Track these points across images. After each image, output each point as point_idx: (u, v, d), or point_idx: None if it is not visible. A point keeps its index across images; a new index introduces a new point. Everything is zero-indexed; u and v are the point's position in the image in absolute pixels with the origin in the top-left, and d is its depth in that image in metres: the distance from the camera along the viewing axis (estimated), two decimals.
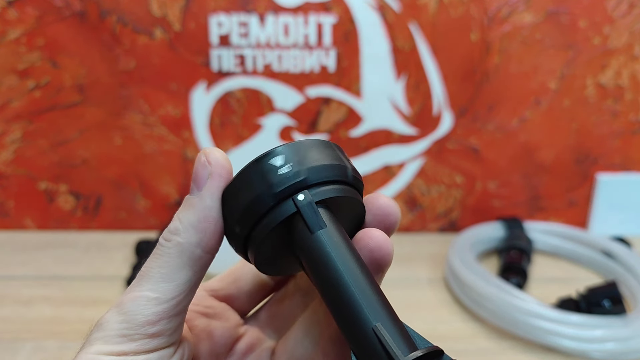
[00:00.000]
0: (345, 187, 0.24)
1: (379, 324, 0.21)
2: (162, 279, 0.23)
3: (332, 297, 0.22)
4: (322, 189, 0.23)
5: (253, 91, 0.68)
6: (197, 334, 0.27)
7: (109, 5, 0.64)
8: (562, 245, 0.70)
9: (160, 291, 0.23)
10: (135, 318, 0.22)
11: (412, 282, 0.64)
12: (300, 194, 0.22)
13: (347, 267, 0.22)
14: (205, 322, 0.27)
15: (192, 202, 0.24)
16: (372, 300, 0.21)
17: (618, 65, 0.68)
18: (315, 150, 0.24)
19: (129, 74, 0.67)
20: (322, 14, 0.65)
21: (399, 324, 0.21)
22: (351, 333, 0.21)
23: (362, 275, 0.22)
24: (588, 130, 0.71)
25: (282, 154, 0.23)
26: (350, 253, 0.23)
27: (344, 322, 0.22)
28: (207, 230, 0.23)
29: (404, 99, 0.69)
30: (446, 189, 0.74)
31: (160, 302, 0.23)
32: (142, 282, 0.23)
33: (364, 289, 0.22)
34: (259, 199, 0.23)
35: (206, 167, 0.24)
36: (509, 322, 0.54)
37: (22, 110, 0.68)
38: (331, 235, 0.22)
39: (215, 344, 0.27)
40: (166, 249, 0.23)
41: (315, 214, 0.22)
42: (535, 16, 0.66)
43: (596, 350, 0.51)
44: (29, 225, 0.74)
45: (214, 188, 0.23)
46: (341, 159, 0.24)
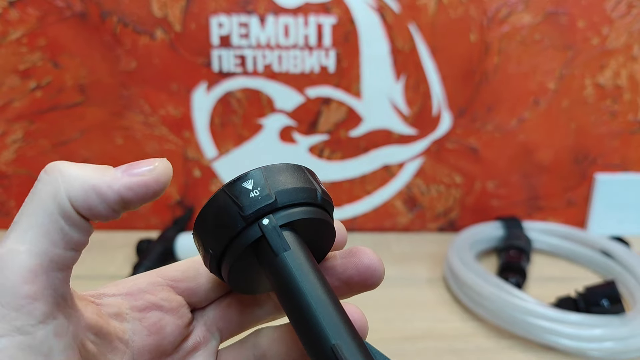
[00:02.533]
0: (314, 209, 0.25)
1: (338, 343, 0.21)
2: (30, 226, 0.20)
3: (295, 316, 0.23)
4: (289, 211, 0.24)
5: (253, 91, 0.68)
6: (147, 326, 0.25)
7: (110, 5, 0.64)
8: (561, 245, 0.70)
9: (30, 241, 0.20)
10: (10, 278, 0.19)
11: (412, 281, 0.64)
12: (265, 218, 0.23)
13: (309, 287, 0.23)
14: (159, 315, 0.26)
15: (107, 170, 0.21)
16: (333, 320, 0.22)
17: (617, 65, 0.69)
18: (284, 174, 0.25)
19: (130, 74, 0.67)
20: (322, 15, 0.66)
21: (359, 342, 0.22)
22: (313, 351, 0.22)
23: (324, 295, 0.23)
24: (587, 130, 0.72)
25: (252, 178, 0.24)
26: (314, 274, 0.23)
27: (307, 340, 0.23)
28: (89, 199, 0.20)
29: (404, 100, 0.70)
30: (445, 189, 0.74)
31: (33, 255, 0.19)
32: (11, 232, 0.20)
33: (326, 308, 0.22)
34: (230, 222, 0.23)
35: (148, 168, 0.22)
36: (508, 322, 0.54)
37: (24, 111, 0.68)
38: (295, 257, 0.23)
39: (164, 340, 0.26)
40: (40, 182, 0.21)
41: (279, 237, 0.23)
42: (534, 17, 0.66)
43: (595, 349, 0.51)
44: None
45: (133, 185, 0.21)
46: (311, 181, 0.25)
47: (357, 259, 0.26)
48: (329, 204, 0.26)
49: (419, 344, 0.53)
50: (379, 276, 0.26)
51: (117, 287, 0.26)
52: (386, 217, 0.75)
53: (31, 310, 0.19)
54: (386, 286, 0.61)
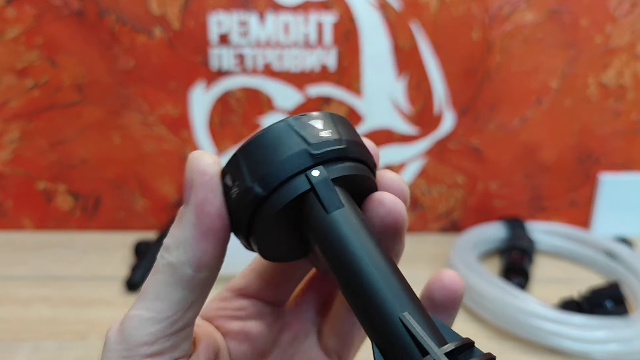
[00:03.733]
0: (364, 166, 0.22)
1: (407, 313, 0.19)
2: (156, 298, 0.22)
3: (350, 285, 0.20)
4: (340, 165, 0.21)
5: (253, 90, 0.68)
6: (233, 337, 0.26)
7: (108, 4, 0.64)
8: (564, 246, 0.69)
9: (155, 310, 0.22)
10: (131, 339, 0.22)
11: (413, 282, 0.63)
12: (315, 169, 0.20)
13: (367, 251, 0.20)
14: (239, 324, 0.27)
15: (181, 216, 0.22)
16: (397, 288, 0.19)
17: (620, 64, 0.68)
18: (346, 126, 0.22)
19: (128, 73, 0.67)
20: (323, 13, 0.65)
21: (427, 314, 0.20)
22: (374, 324, 0.19)
23: (384, 260, 0.20)
24: (590, 129, 0.71)
25: (323, 119, 0.21)
26: (370, 237, 0.20)
27: (365, 312, 0.20)
28: (197, 248, 0.22)
29: (405, 98, 0.69)
30: (447, 189, 0.74)
31: (155, 322, 0.22)
32: (139, 300, 0.23)
33: (387, 275, 0.20)
34: (292, 158, 0.20)
35: (190, 176, 0.22)
36: (511, 323, 0.53)
37: (21, 110, 0.68)
38: (349, 217, 0.20)
39: (256, 343, 0.27)
40: (160, 266, 0.23)
41: (331, 191, 0.20)
42: (537, 15, 0.66)
43: (598, 351, 0.50)
44: (27, 225, 0.73)
45: (198, 201, 0.21)
46: (360, 138, 0.23)
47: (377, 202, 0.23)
48: (375, 166, 0.23)
49: None
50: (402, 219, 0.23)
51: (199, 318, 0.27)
52: None
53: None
54: None
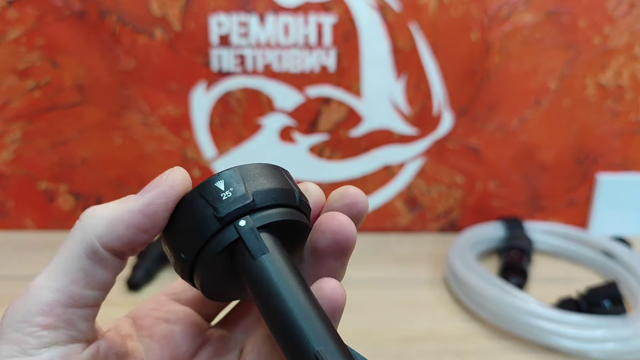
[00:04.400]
0: (292, 210, 0.24)
1: (322, 349, 0.21)
2: (56, 264, 0.22)
3: (275, 322, 0.22)
4: (266, 212, 0.23)
5: (253, 91, 0.68)
6: (157, 340, 0.26)
7: (109, 5, 0.64)
8: (563, 246, 0.70)
9: (53, 278, 0.22)
10: (27, 308, 0.21)
11: (412, 282, 0.64)
12: (242, 219, 0.22)
13: (289, 292, 0.22)
14: (167, 327, 0.26)
15: (127, 199, 0.23)
16: (316, 325, 0.21)
17: (618, 65, 0.68)
18: (261, 174, 0.24)
19: (128, 73, 0.67)
20: (322, 14, 0.65)
21: (344, 348, 0.21)
22: (294, 357, 0.21)
23: (305, 300, 0.22)
24: (588, 130, 0.71)
25: (227, 178, 0.23)
26: (294, 278, 0.22)
27: (287, 347, 0.21)
28: (117, 230, 0.22)
29: (404, 99, 0.69)
30: (446, 189, 0.74)
31: (52, 290, 0.21)
32: (43, 270, 0.22)
33: (307, 313, 0.21)
34: (203, 224, 0.22)
35: (160, 180, 0.23)
36: (509, 322, 0.54)
37: (22, 110, 0.68)
38: (274, 261, 0.22)
39: (177, 350, 0.26)
40: (74, 229, 0.22)
41: (257, 239, 0.22)
42: (536, 16, 0.66)
43: (596, 350, 0.51)
44: (29, 225, 0.74)
45: (151, 199, 0.22)
46: (288, 182, 0.24)
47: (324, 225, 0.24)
48: (306, 206, 0.25)
49: (419, 345, 0.53)
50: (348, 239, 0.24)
51: (125, 317, 0.27)
52: (387, 218, 0.75)
53: (40, 336, 0.21)
54: (387, 287, 0.61)
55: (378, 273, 0.64)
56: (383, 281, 0.62)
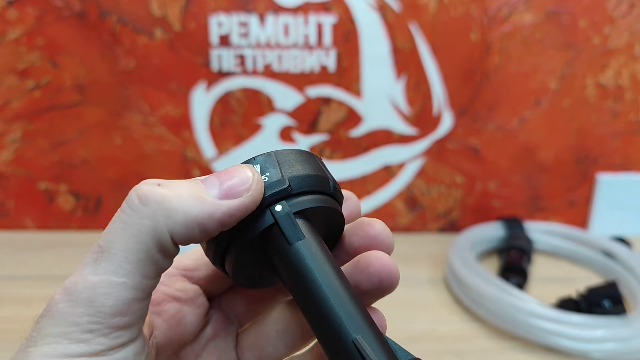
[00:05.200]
0: (327, 197, 0.24)
1: (360, 337, 0.20)
2: (125, 259, 0.20)
3: (311, 310, 0.22)
4: (302, 199, 0.23)
5: (253, 91, 0.68)
6: (166, 320, 0.25)
7: (109, 5, 0.64)
8: (562, 245, 0.70)
9: (125, 275, 0.20)
10: (101, 309, 0.19)
11: (413, 282, 0.64)
12: (278, 204, 0.22)
13: (326, 279, 0.22)
14: (177, 307, 0.25)
15: (203, 195, 0.21)
16: (352, 313, 0.21)
17: (618, 65, 0.68)
18: (297, 161, 0.24)
19: (129, 74, 0.67)
20: (322, 14, 0.65)
21: (380, 336, 0.21)
22: (331, 346, 0.21)
23: (341, 287, 0.22)
24: (588, 130, 0.71)
25: (263, 162, 0.23)
26: (330, 265, 0.22)
27: (324, 335, 0.21)
28: (193, 232, 0.21)
29: (404, 99, 0.69)
30: (446, 189, 0.74)
31: (128, 288, 0.20)
32: (100, 260, 0.20)
33: (344, 301, 0.21)
34: None
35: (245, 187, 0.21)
36: (509, 322, 0.54)
37: (22, 110, 0.68)
38: (310, 247, 0.22)
39: (185, 331, 0.25)
40: (137, 216, 0.20)
41: (293, 225, 0.22)
42: (536, 16, 0.66)
43: (596, 350, 0.51)
44: (29, 225, 0.74)
45: (234, 210, 0.21)
46: (322, 169, 0.24)
47: (362, 230, 0.25)
48: (339, 194, 0.25)
49: (419, 345, 0.53)
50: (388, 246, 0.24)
51: None
52: (387, 218, 0.75)
53: (116, 336, 0.20)
54: None
55: None
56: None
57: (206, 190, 0.21)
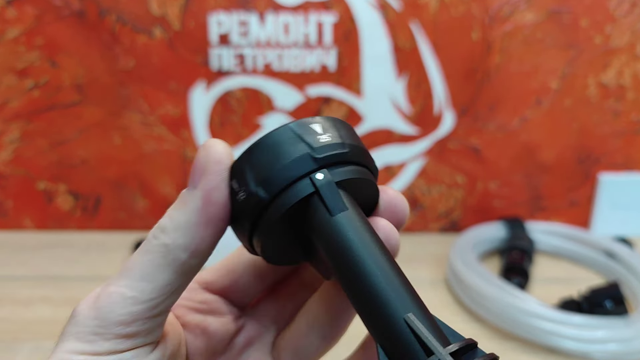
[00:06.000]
0: (365, 170, 0.23)
1: (411, 314, 0.19)
2: (142, 278, 0.21)
3: (354, 286, 0.20)
4: (343, 169, 0.21)
5: (253, 90, 0.68)
6: (191, 330, 0.26)
7: (108, 4, 0.64)
8: (564, 246, 0.69)
9: (138, 290, 0.21)
10: (108, 316, 0.21)
11: (413, 282, 0.63)
12: (319, 172, 0.20)
13: (371, 253, 0.20)
14: (199, 318, 0.26)
15: (185, 199, 0.22)
16: (400, 289, 0.20)
17: (620, 64, 0.68)
18: (346, 129, 0.23)
19: (128, 73, 0.67)
20: (323, 13, 0.65)
21: (430, 315, 0.20)
22: (378, 325, 0.20)
23: (387, 262, 0.20)
24: (590, 129, 0.71)
25: (323, 123, 0.22)
26: (373, 238, 0.21)
27: (369, 313, 0.20)
28: (197, 234, 0.21)
29: (405, 98, 0.69)
30: (447, 189, 0.74)
31: (136, 303, 0.21)
32: (122, 277, 0.22)
33: (391, 277, 0.20)
34: (298, 161, 0.20)
35: (200, 163, 0.22)
36: (511, 323, 0.53)
37: (21, 110, 0.68)
38: (353, 219, 0.21)
39: (211, 340, 0.26)
40: (152, 246, 0.22)
41: (335, 195, 0.20)
42: (537, 15, 0.66)
43: (598, 351, 0.50)
44: (28, 225, 0.74)
45: (208, 187, 0.21)
46: (361, 142, 0.23)
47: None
48: (375, 169, 0.24)
49: None
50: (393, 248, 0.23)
51: None
52: None
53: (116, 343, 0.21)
54: None
55: None
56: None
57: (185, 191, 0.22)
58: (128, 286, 0.21)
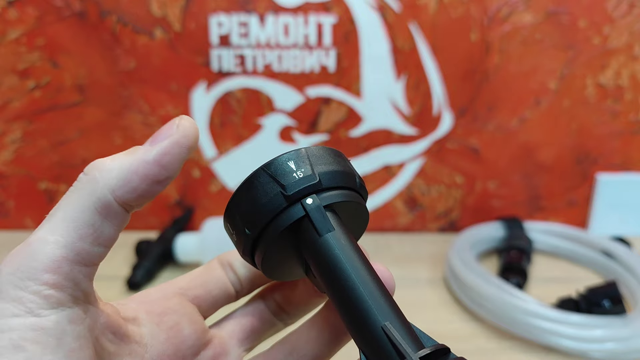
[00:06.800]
0: (354, 193, 0.25)
1: (388, 323, 0.21)
2: (63, 219, 0.20)
3: (341, 298, 0.23)
4: (331, 193, 0.24)
5: (253, 91, 0.68)
6: (165, 330, 0.25)
7: (109, 5, 0.64)
8: (562, 245, 0.70)
9: (59, 233, 0.20)
10: (31, 264, 0.20)
11: (412, 282, 0.64)
12: (309, 197, 0.23)
13: (355, 268, 0.23)
14: (175, 319, 0.26)
15: (135, 150, 0.22)
16: (380, 301, 0.22)
17: (618, 65, 0.69)
18: (326, 157, 0.25)
19: (129, 74, 0.67)
20: (322, 14, 0.65)
21: (407, 323, 0.22)
22: (361, 333, 0.22)
23: (369, 276, 0.23)
24: (588, 130, 0.71)
25: (295, 158, 0.24)
26: (358, 255, 0.23)
27: (353, 322, 0.22)
28: (132, 182, 0.21)
29: (404, 99, 0.69)
30: (446, 189, 0.74)
31: (60, 246, 0.20)
32: (43, 224, 0.21)
33: (372, 289, 0.22)
34: (271, 201, 0.23)
35: (171, 129, 0.22)
36: (509, 322, 0.54)
37: (23, 110, 0.68)
38: (339, 238, 0.23)
39: (183, 344, 0.26)
40: (79, 183, 0.21)
41: (323, 217, 0.23)
42: (535, 16, 0.66)
43: (596, 350, 0.51)
44: (29, 226, 0.74)
45: (166, 149, 0.22)
46: (349, 166, 0.25)
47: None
48: (364, 190, 0.26)
49: None
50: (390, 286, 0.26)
51: (131, 298, 0.26)
52: (387, 218, 0.75)
53: (47, 296, 0.20)
54: None
55: None
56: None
57: (137, 147, 0.22)
58: (49, 229, 0.20)
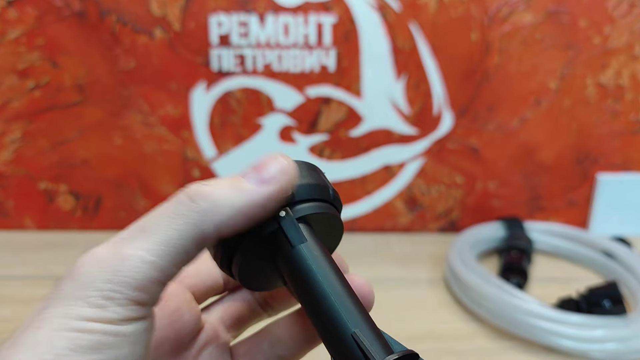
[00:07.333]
0: (327, 205, 0.26)
1: (358, 330, 0.22)
2: (163, 243, 0.21)
3: (313, 306, 0.23)
4: (304, 206, 0.25)
5: (253, 91, 0.68)
6: (167, 314, 0.26)
7: (109, 5, 0.64)
8: (563, 245, 0.70)
9: (158, 255, 0.20)
10: (125, 280, 0.20)
11: (412, 282, 0.64)
12: (282, 211, 0.24)
13: (326, 278, 0.23)
14: (177, 303, 0.26)
15: (241, 185, 0.22)
16: (351, 309, 0.23)
17: (618, 65, 0.68)
18: (300, 171, 0.25)
19: (128, 73, 0.67)
20: (322, 14, 0.65)
21: (376, 330, 0.23)
22: (331, 340, 0.23)
23: (340, 285, 0.23)
24: (588, 130, 0.71)
25: None
26: (329, 265, 0.24)
27: (325, 329, 0.23)
28: (237, 222, 0.22)
29: (404, 99, 0.69)
30: (446, 189, 0.74)
31: (156, 269, 0.20)
32: (138, 238, 0.21)
33: (343, 298, 0.23)
34: None
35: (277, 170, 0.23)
36: (509, 322, 0.54)
37: (22, 110, 0.68)
38: (311, 249, 0.24)
39: (183, 330, 0.26)
40: (184, 207, 0.21)
41: (296, 229, 0.24)
42: (536, 16, 0.66)
43: (596, 350, 0.51)
44: (29, 226, 0.74)
45: (272, 194, 0.23)
46: (323, 179, 0.26)
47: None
48: (339, 202, 0.27)
49: (419, 344, 0.52)
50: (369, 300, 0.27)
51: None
52: (387, 218, 0.75)
53: (131, 309, 0.20)
54: (387, 287, 0.61)
55: (378, 273, 0.64)
56: (383, 281, 0.62)
57: (245, 181, 0.23)
58: (147, 250, 0.20)
